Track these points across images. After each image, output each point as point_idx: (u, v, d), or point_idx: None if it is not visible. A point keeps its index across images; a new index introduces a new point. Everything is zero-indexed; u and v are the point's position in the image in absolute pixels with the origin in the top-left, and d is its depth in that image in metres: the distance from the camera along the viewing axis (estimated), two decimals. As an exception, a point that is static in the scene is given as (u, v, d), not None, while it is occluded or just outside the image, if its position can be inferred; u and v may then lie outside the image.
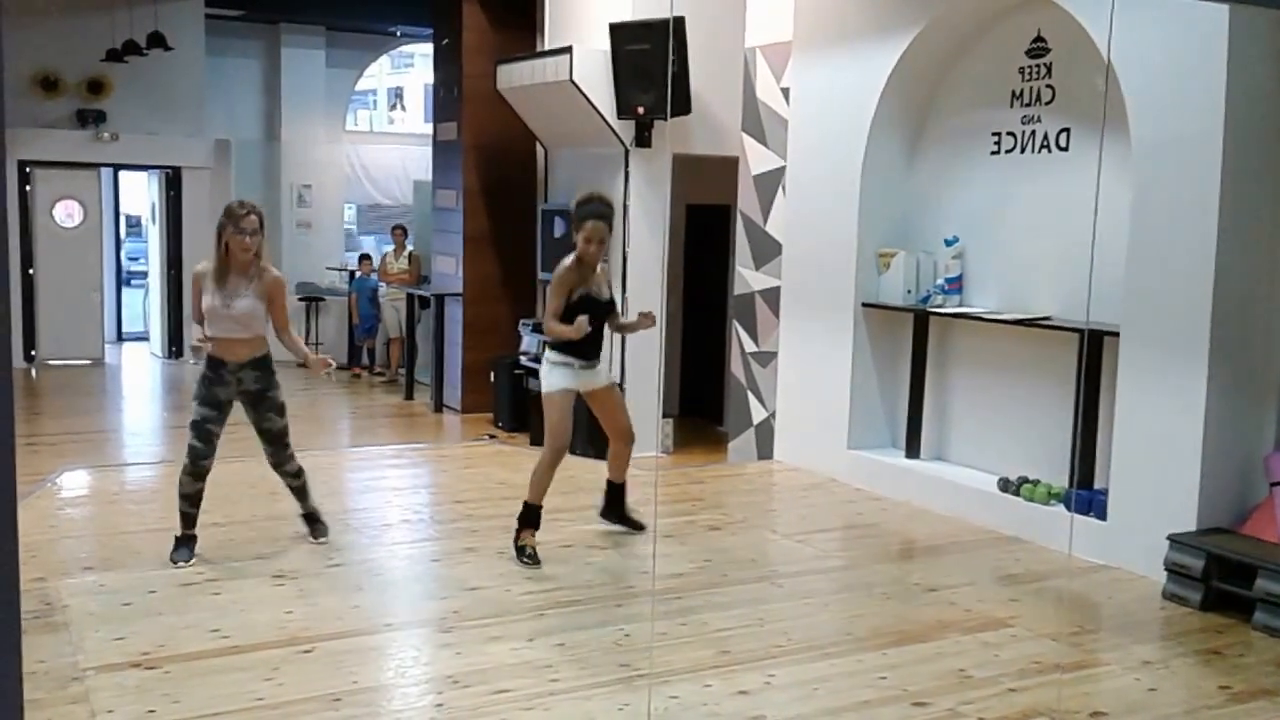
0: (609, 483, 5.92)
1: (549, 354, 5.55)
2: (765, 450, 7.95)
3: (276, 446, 5.42)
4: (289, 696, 3.93)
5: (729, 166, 8.16)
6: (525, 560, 5.37)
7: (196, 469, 5.21)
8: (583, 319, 5.31)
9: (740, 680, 4.17)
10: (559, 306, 5.44)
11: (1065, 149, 6.16)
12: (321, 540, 5.63)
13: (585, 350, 5.51)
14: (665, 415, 8.97)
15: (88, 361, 12.28)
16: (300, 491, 5.61)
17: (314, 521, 5.68)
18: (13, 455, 1.77)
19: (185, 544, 5.29)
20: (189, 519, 5.31)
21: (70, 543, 5.65)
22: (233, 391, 5.25)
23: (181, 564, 5.20)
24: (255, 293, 5.19)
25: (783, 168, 7.74)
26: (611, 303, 5.70)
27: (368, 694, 4.04)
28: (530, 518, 5.48)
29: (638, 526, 5.91)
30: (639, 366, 8.42)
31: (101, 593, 4.89)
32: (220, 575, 5.14)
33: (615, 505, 5.94)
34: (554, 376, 5.50)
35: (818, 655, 4.44)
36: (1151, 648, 4.65)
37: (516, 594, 5.02)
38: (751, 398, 8.06)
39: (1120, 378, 5.53)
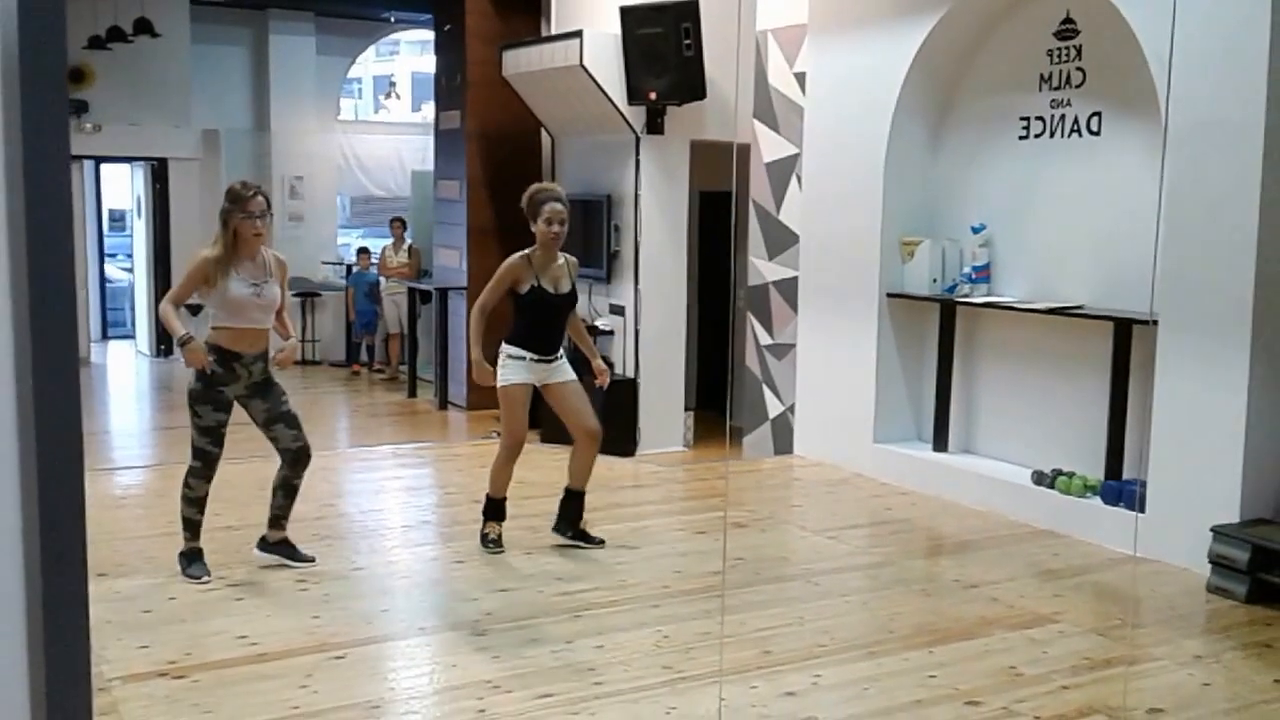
0: (567, 490, 5.49)
1: (505, 347, 5.32)
2: (782, 445, 7.81)
3: (299, 429, 5.03)
4: (325, 704, 3.81)
5: (742, 152, 8.00)
6: (489, 546, 5.39)
7: (211, 472, 4.94)
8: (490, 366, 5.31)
9: (787, 681, 4.06)
10: (493, 297, 5.27)
11: (1096, 133, 6.04)
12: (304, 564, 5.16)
13: (542, 344, 5.30)
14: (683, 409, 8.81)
15: (76, 359, 12.03)
16: (290, 497, 5.13)
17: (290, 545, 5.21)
18: (80, 458, 1.65)
19: (200, 556, 5.02)
20: (196, 527, 5.01)
21: (81, 547, 5.45)
22: (241, 386, 4.92)
23: (206, 580, 4.92)
24: (277, 277, 4.98)
25: (795, 155, 7.59)
26: (572, 297, 5.41)
27: (407, 700, 3.94)
28: (494, 510, 5.47)
29: (595, 542, 5.49)
30: (658, 358, 8.25)
31: (118, 600, 4.72)
32: (240, 580, 4.98)
33: (570, 517, 5.51)
34: (508, 370, 5.30)
35: (863, 654, 4.33)
36: (1201, 642, 4.57)
37: (549, 595, 4.89)
38: (767, 391, 7.91)
39: (1158, 367, 5.42)
